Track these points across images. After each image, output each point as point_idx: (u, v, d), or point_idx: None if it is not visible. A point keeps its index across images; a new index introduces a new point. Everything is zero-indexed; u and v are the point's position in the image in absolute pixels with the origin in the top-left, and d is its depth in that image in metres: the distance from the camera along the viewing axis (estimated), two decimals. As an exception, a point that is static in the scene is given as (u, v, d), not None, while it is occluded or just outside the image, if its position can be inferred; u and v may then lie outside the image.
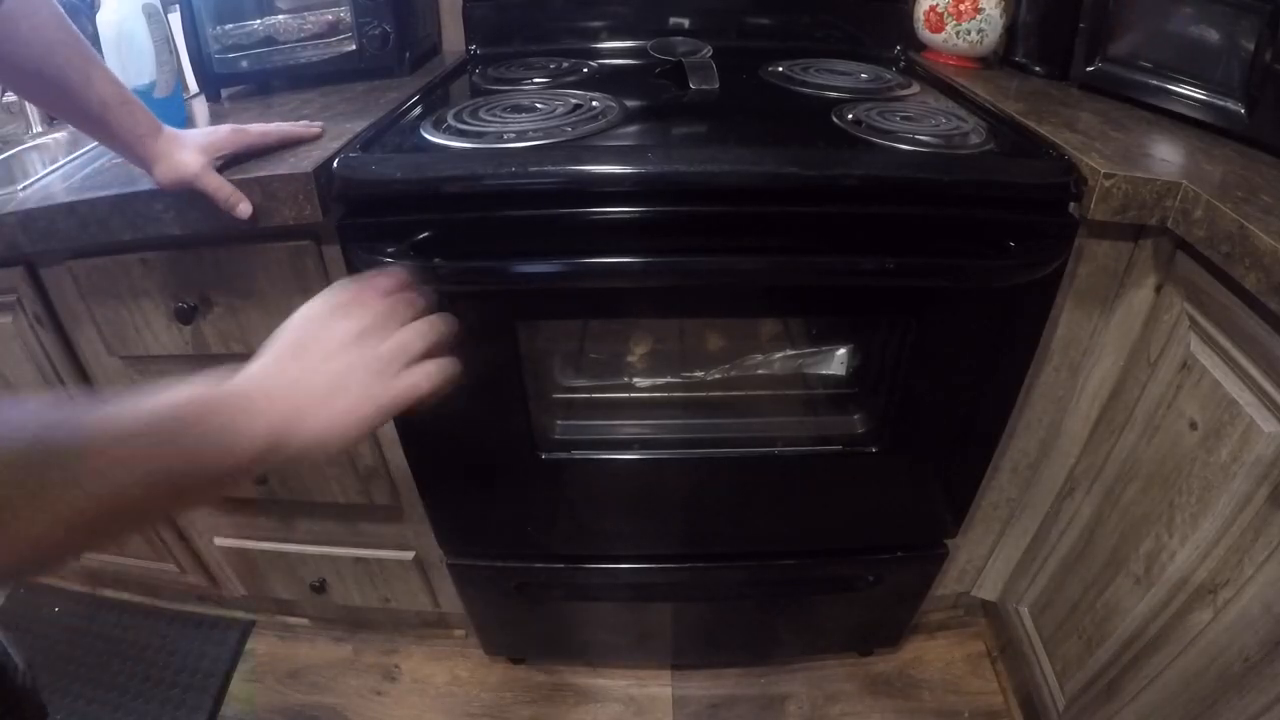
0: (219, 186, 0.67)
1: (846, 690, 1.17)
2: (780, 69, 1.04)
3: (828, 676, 1.19)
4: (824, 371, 0.99)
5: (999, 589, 1.07)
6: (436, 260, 0.71)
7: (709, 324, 1.04)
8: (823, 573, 1.05)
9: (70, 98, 0.62)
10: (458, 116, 0.82)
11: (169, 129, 0.68)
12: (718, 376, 0.97)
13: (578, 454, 0.92)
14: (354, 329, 0.44)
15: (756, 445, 0.94)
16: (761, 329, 1.03)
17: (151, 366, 0.87)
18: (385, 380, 0.43)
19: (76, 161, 0.81)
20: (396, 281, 0.48)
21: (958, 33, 1.06)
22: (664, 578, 1.05)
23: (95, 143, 0.86)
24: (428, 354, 0.45)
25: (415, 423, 0.88)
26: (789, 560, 1.03)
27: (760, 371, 0.98)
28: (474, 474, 0.94)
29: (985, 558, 1.06)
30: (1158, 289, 0.77)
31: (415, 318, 0.46)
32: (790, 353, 0.98)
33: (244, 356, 0.88)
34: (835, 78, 1.01)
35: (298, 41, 0.97)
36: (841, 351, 0.98)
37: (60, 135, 1.02)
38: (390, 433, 0.92)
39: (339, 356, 0.43)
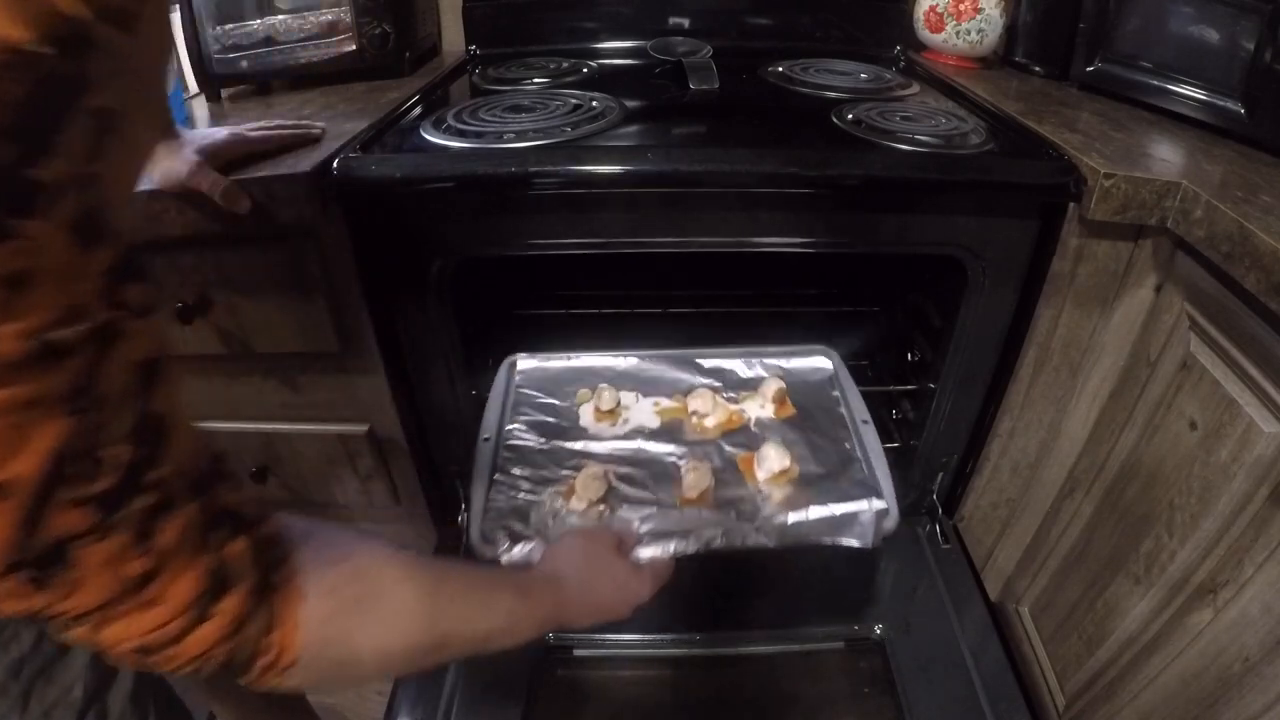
0: (213, 184, 0.67)
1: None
2: (780, 69, 1.04)
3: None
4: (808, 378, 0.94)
5: (999, 589, 1.07)
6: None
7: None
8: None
9: None
10: (458, 116, 0.82)
11: (176, 131, 0.68)
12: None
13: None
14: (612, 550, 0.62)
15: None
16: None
17: (151, 366, 0.87)
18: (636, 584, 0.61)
19: (76, 161, 0.81)
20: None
21: (958, 33, 1.06)
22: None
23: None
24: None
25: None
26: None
27: (746, 375, 0.92)
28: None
29: (985, 558, 1.06)
30: (1157, 289, 0.77)
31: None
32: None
33: (244, 356, 0.88)
34: (835, 78, 1.01)
35: (298, 41, 0.97)
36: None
37: (60, 135, 1.02)
38: (392, 434, 0.92)
39: (611, 570, 0.61)
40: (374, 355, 0.85)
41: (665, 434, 0.81)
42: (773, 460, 0.75)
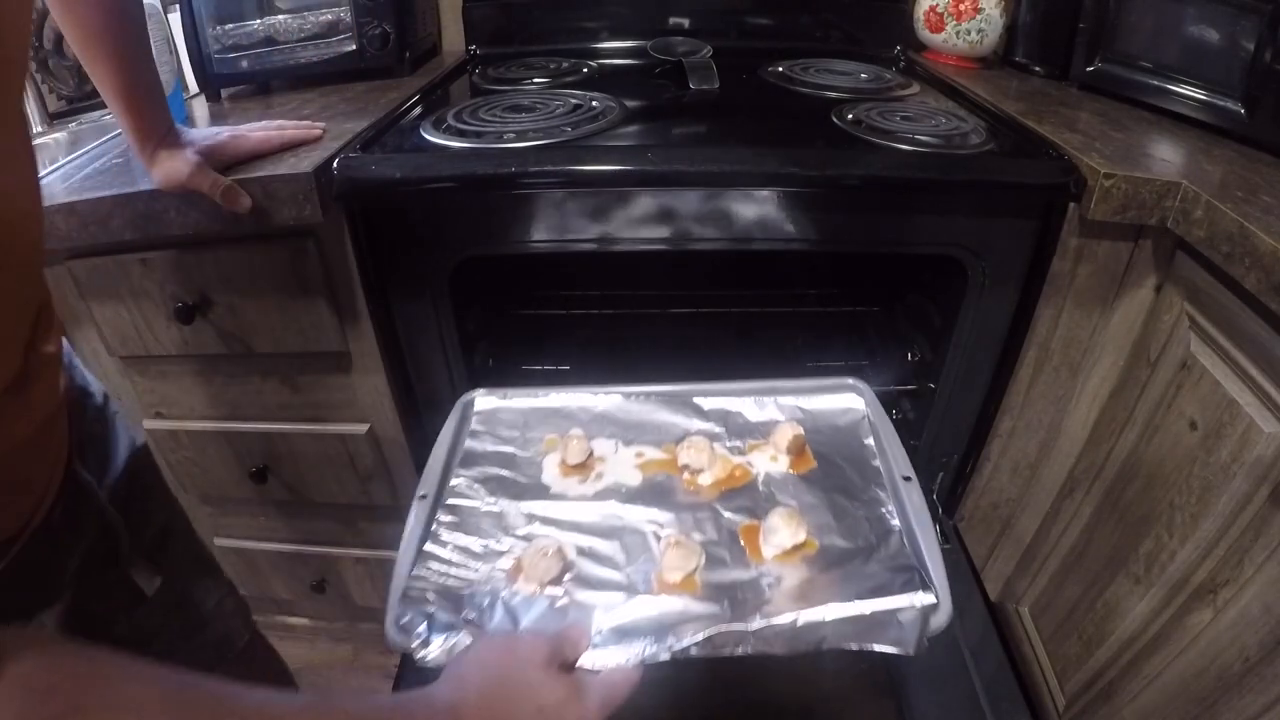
0: (213, 184, 0.67)
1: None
2: (780, 69, 1.04)
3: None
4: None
5: (999, 589, 1.07)
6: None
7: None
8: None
9: (120, 61, 0.62)
10: (458, 116, 0.82)
11: (177, 132, 0.68)
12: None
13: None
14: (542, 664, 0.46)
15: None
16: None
17: (152, 366, 0.87)
18: (575, 710, 0.45)
19: (76, 161, 0.81)
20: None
21: (958, 33, 1.06)
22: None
23: (95, 143, 0.86)
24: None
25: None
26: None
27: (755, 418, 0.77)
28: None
29: (985, 558, 1.06)
30: (1158, 289, 0.77)
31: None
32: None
33: (244, 357, 0.87)
34: (835, 78, 1.01)
35: (298, 41, 0.97)
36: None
37: (60, 135, 1.02)
38: (392, 434, 0.92)
39: (535, 692, 0.45)
40: (374, 355, 0.85)
41: (648, 494, 0.64)
42: (783, 532, 0.57)
